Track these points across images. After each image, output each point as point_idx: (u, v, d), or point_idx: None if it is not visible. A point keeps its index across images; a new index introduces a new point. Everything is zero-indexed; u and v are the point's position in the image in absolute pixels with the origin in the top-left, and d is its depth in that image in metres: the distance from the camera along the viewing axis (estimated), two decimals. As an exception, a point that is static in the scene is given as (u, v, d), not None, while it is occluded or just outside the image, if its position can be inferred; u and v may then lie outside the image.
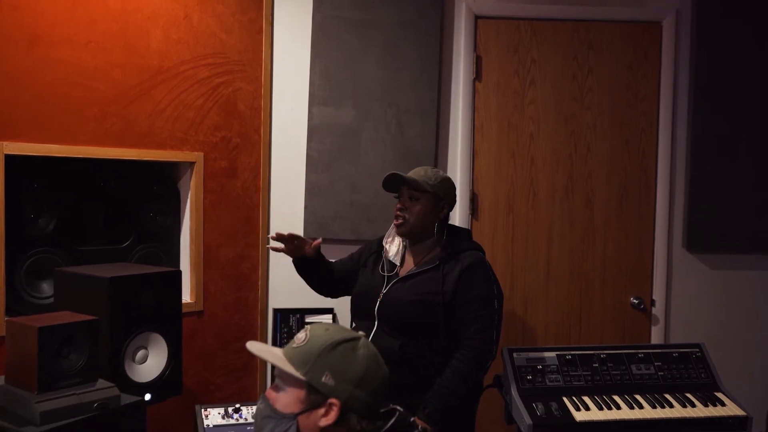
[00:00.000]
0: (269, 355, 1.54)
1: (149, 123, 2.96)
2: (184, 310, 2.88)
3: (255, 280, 3.37)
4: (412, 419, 1.57)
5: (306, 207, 3.37)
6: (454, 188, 2.58)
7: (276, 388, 1.55)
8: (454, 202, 2.59)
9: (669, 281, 3.52)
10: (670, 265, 3.52)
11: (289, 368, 1.49)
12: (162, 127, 3.00)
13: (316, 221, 3.37)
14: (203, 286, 3.17)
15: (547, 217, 3.50)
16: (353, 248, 3.20)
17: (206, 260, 3.18)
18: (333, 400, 1.47)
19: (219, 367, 3.24)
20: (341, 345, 1.50)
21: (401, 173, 2.50)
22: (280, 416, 1.50)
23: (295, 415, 1.49)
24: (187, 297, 3.12)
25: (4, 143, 2.54)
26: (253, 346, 1.57)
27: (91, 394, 1.95)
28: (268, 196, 3.40)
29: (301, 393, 1.49)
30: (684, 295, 3.53)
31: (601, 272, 3.51)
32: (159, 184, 3.11)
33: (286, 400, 1.51)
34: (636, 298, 3.49)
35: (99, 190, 2.94)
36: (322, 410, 1.48)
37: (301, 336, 1.54)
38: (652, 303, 3.51)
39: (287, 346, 1.55)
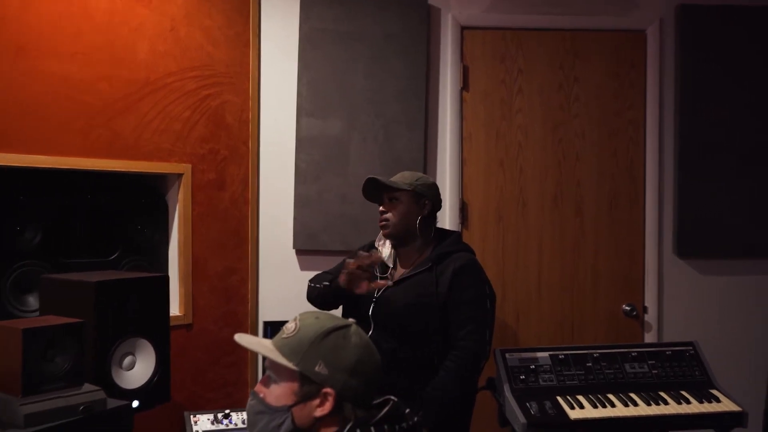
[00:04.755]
0: (259, 346, 1.51)
1: (136, 135, 2.95)
2: (173, 323, 2.85)
3: (244, 293, 3.34)
4: (406, 410, 1.54)
5: (295, 218, 3.36)
6: (435, 187, 2.56)
7: (266, 382, 1.52)
8: (439, 201, 2.57)
9: (660, 288, 3.51)
10: (661, 271, 3.51)
11: (281, 359, 1.46)
12: (149, 139, 2.99)
13: (306, 232, 3.35)
14: (192, 299, 3.14)
15: (537, 226, 3.49)
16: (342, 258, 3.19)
17: (195, 273, 3.15)
18: (327, 390, 1.44)
19: (209, 382, 3.20)
20: (333, 333, 1.48)
21: (377, 177, 2.49)
22: (274, 410, 1.47)
23: (289, 407, 1.46)
24: (175, 310, 3.09)
25: (-10, 154, 2.53)
26: (242, 339, 1.54)
27: (77, 397, 1.91)
28: (257, 208, 3.38)
29: (294, 384, 1.46)
30: (676, 301, 3.52)
31: (592, 280, 3.50)
32: (146, 197, 3.09)
33: (278, 392, 1.48)
34: (628, 305, 3.48)
35: (86, 202, 2.92)
36: (316, 401, 1.45)
37: (290, 326, 1.51)
38: (645, 310, 3.50)
39: (277, 337, 1.52)
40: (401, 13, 3.38)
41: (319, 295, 2.51)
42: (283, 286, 3.35)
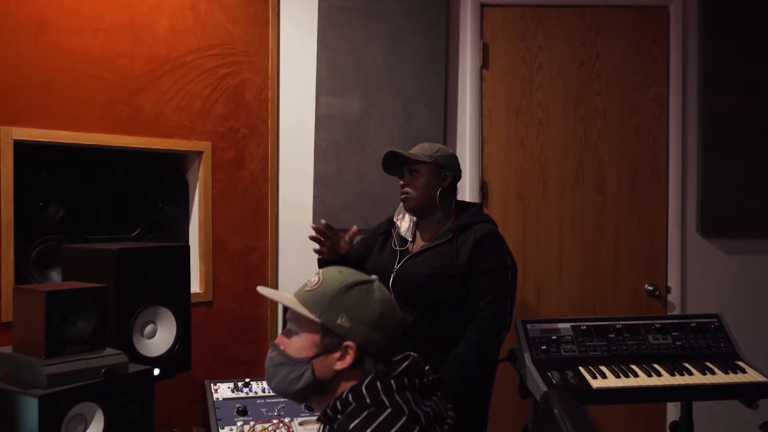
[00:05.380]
0: (281, 297, 1.51)
1: (156, 112, 2.96)
2: (193, 300, 2.85)
3: (264, 270, 3.35)
4: (426, 367, 1.53)
5: (315, 197, 3.35)
6: (455, 158, 2.55)
7: (287, 334, 1.51)
8: (459, 171, 2.56)
9: (684, 267, 3.47)
10: (684, 250, 3.47)
11: (303, 310, 1.45)
12: (169, 117, 3.00)
13: (325, 211, 3.35)
14: (212, 277, 3.15)
15: (558, 205, 3.46)
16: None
17: (215, 251, 3.16)
18: (349, 343, 1.43)
19: (229, 358, 3.21)
20: (356, 287, 1.47)
21: (397, 150, 2.48)
22: (294, 362, 1.46)
23: (310, 359, 1.45)
24: (196, 287, 3.10)
25: (13, 128, 2.54)
26: (264, 290, 1.55)
27: (99, 359, 1.92)
28: (276, 186, 3.39)
29: (315, 336, 1.45)
30: (699, 281, 3.47)
31: (614, 259, 3.47)
32: (167, 174, 3.11)
33: (299, 344, 1.47)
34: (651, 285, 3.43)
35: (107, 179, 2.94)
36: (337, 354, 1.44)
37: (314, 279, 1.51)
38: (668, 290, 3.46)
39: (299, 290, 1.52)
40: (420, -10, 3.37)
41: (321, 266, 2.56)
42: (302, 264, 3.34)
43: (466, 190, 3.38)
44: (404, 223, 2.59)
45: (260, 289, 1.56)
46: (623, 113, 3.47)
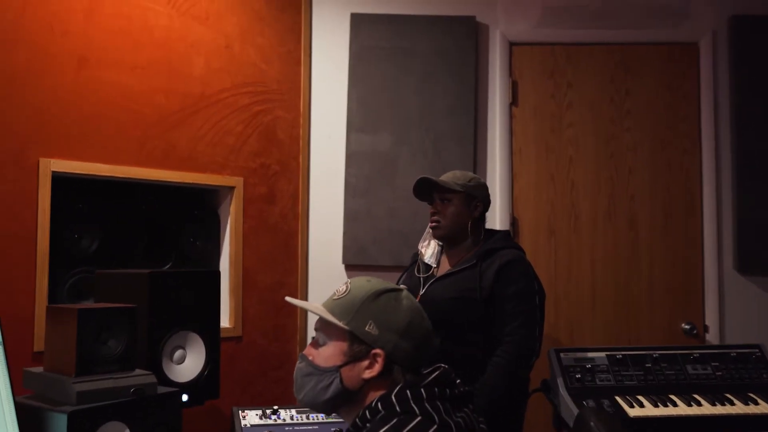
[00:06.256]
0: (309, 306, 1.51)
1: (190, 147, 3.01)
2: (223, 334, 2.84)
3: (293, 306, 3.33)
4: (457, 380, 1.50)
5: (345, 233, 3.36)
6: (485, 188, 2.56)
7: (315, 345, 1.50)
8: (489, 201, 2.56)
9: (721, 306, 3.37)
10: (721, 288, 3.38)
11: (331, 318, 1.45)
12: (202, 152, 3.05)
13: (355, 247, 3.35)
14: (242, 312, 3.14)
15: (590, 241, 3.42)
16: (392, 274, 3.16)
17: (245, 285, 3.16)
18: (377, 351, 1.42)
19: (257, 394, 3.17)
20: (384, 295, 1.47)
21: (430, 177, 2.50)
22: (322, 371, 1.45)
23: (338, 368, 1.43)
24: (225, 322, 3.09)
25: (51, 160, 2.60)
26: (293, 300, 1.55)
27: (129, 379, 1.91)
28: (306, 223, 3.40)
29: (343, 345, 1.44)
30: (739, 320, 3.37)
31: (648, 297, 3.40)
32: (199, 209, 3.14)
33: (327, 353, 1.46)
34: (687, 324, 3.35)
35: (141, 212, 2.98)
36: (366, 362, 1.43)
37: (341, 288, 1.50)
38: (705, 329, 3.37)
39: (328, 299, 1.52)
40: (450, 30, 3.42)
41: None
42: (332, 300, 3.33)
43: (497, 227, 3.36)
44: (428, 250, 2.59)
45: (289, 299, 1.56)
46: (654, 149, 3.45)
